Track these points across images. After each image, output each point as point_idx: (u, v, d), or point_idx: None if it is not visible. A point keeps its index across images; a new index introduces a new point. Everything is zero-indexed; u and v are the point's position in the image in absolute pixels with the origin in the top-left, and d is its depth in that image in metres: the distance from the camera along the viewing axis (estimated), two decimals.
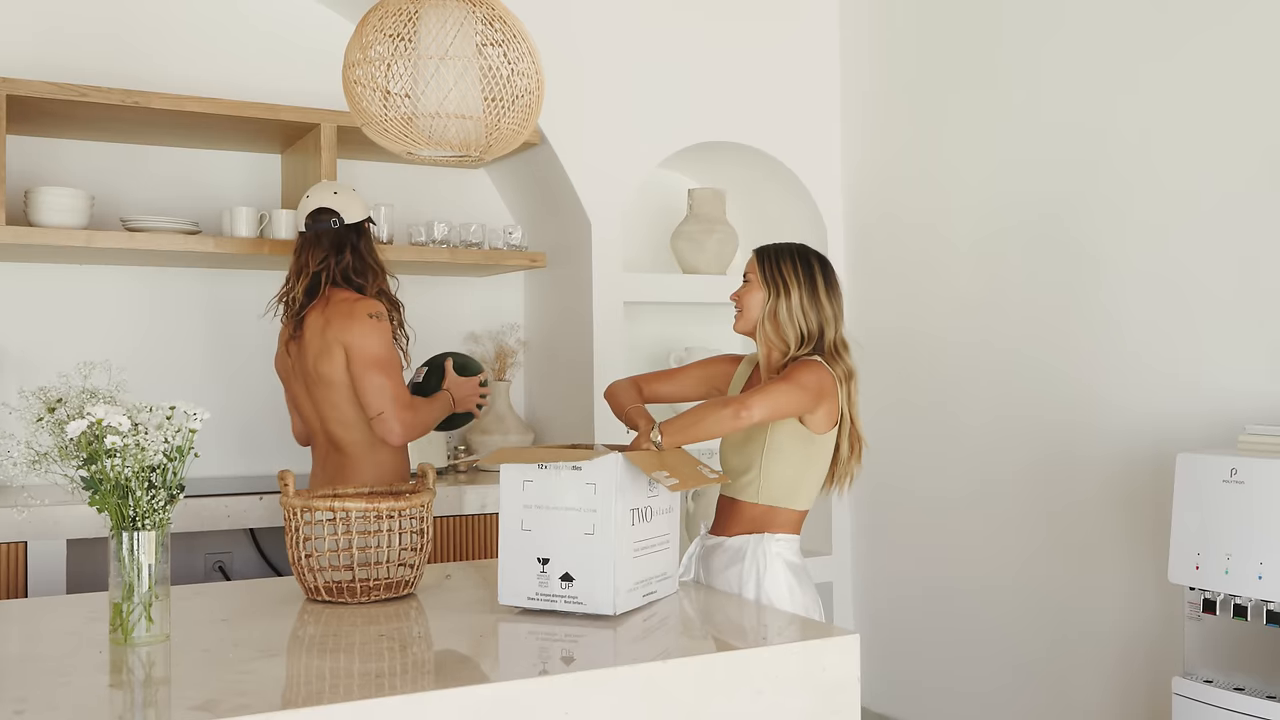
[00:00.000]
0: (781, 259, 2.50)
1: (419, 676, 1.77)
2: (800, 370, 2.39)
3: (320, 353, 2.87)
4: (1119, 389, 3.28)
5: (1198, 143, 3.09)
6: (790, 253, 2.52)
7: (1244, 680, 2.53)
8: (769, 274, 2.49)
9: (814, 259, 2.52)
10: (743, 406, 2.29)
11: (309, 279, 2.91)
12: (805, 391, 2.36)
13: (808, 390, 2.36)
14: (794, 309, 2.46)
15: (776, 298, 2.47)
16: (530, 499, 2.09)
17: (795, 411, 2.37)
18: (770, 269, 2.49)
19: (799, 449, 2.42)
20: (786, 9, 4.22)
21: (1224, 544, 2.54)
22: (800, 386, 2.36)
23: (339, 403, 2.90)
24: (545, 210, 4.05)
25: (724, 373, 2.67)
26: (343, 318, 2.84)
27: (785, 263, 2.50)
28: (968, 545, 3.77)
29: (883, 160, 4.15)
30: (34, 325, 3.54)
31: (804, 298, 2.46)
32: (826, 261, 2.54)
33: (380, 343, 2.84)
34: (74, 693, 1.64)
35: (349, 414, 2.91)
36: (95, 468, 1.82)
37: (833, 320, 2.49)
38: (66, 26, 3.59)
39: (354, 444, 2.93)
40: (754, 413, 2.30)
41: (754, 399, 2.31)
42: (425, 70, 2.26)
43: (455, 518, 3.44)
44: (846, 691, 1.89)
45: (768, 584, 2.38)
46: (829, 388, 2.40)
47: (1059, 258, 3.46)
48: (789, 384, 2.35)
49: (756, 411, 2.30)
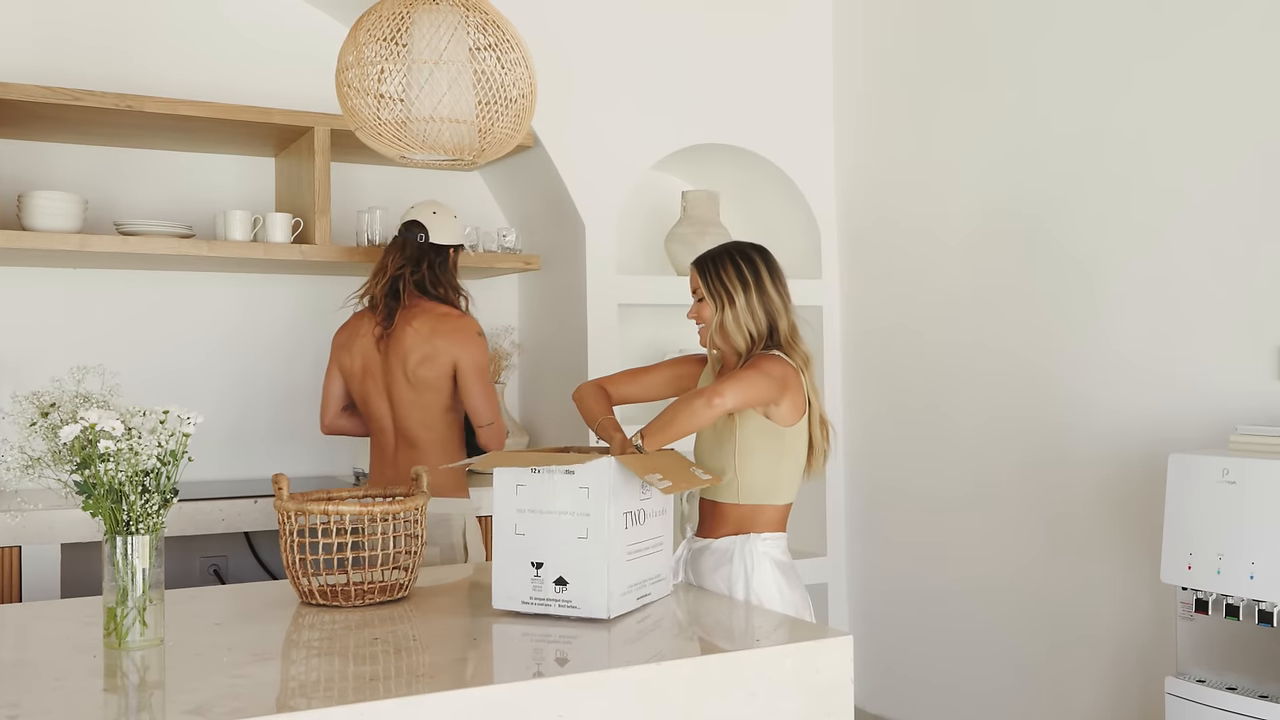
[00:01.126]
0: (721, 267, 2.51)
1: (413, 679, 1.78)
2: (765, 361, 2.41)
3: (426, 358, 3.03)
4: (1112, 390, 3.29)
5: (1190, 144, 3.10)
6: (728, 256, 2.52)
7: (1236, 680, 2.54)
8: (711, 286, 2.50)
9: (753, 254, 2.52)
10: (715, 394, 2.30)
11: (387, 281, 3.10)
12: (771, 380, 2.38)
13: (773, 379, 2.38)
14: (740, 315, 2.47)
15: (721, 309, 2.48)
16: (524, 503, 2.10)
17: (764, 400, 2.38)
18: (712, 280, 2.50)
19: (770, 445, 2.43)
20: (780, 12, 4.22)
21: (1216, 544, 2.55)
22: (766, 375, 2.38)
23: (430, 405, 3.07)
24: (539, 213, 4.05)
25: (692, 373, 2.67)
26: (454, 332, 3.05)
27: (725, 270, 2.50)
28: (961, 547, 3.78)
29: (876, 162, 4.16)
30: (27, 330, 3.54)
31: (749, 300, 2.47)
32: (765, 252, 2.54)
33: (485, 359, 3.10)
34: (68, 697, 1.64)
35: (435, 415, 3.09)
36: (89, 472, 1.82)
37: (782, 310, 2.50)
38: (60, 31, 3.59)
39: (429, 441, 3.10)
40: (726, 399, 2.30)
41: (724, 385, 2.32)
42: (419, 74, 2.26)
43: None
44: (840, 693, 1.90)
45: (756, 584, 2.39)
46: (792, 379, 2.42)
47: (1052, 259, 3.47)
48: (756, 372, 2.38)
49: (730, 398, 2.31)
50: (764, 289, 2.48)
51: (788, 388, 2.40)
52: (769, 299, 2.48)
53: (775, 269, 2.53)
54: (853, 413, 4.22)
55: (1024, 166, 3.58)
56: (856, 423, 4.19)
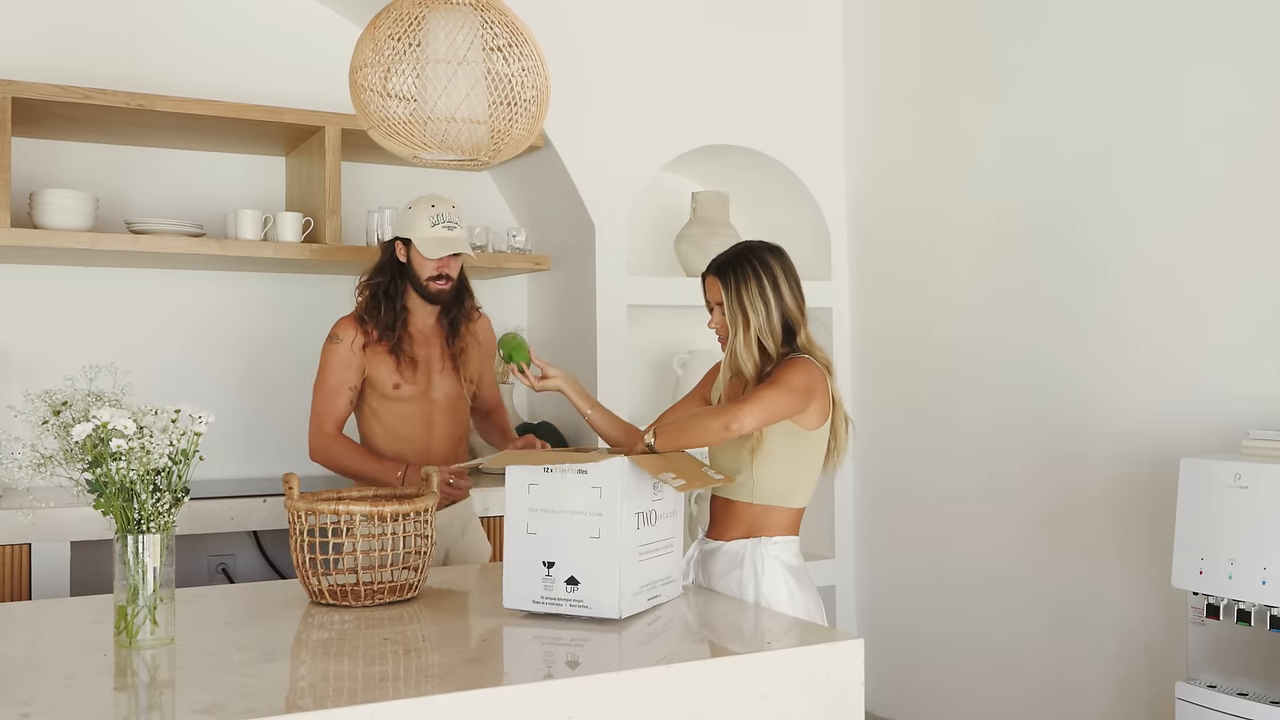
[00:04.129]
0: (744, 284, 2.43)
1: (423, 680, 1.77)
2: (788, 372, 2.35)
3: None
4: (1122, 391, 3.27)
5: (1207, 144, 3.09)
6: (750, 270, 2.44)
7: (1247, 685, 2.53)
8: (730, 305, 2.43)
9: (771, 260, 2.46)
10: (733, 419, 2.25)
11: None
12: (795, 394, 2.33)
13: (797, 392, 2.33)
14: (758, 333, 2.41)
15: (736, 332, 2.43)
16: (535, 502, 2.09)
17: (787, 415, 2.34)
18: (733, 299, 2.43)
19: (790, 447, 2.40)
20: (790, 12, 4.22)
21: (1228, 549, 2.54)
22: (789, 389, 2.33)
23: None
24: (549, 213, 4.05)
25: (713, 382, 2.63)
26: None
27: (747, 287, 2.43)
28: (970, 550, 3.77)
29: (886, 162, 4.15)
30: (39, 328, 3.55)
31: (767, 318, 2.42)
32: (782, 255, 2.49)
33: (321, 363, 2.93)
34: (78, 695, 1.64)
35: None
36: (100, 471, 1.82)
37: (800, 320, 2.45)
38: (72, 30, 3.60)
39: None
40: (744, 423, 2.26)
41: (744, 409, 2.27)
42: (433, 74, 2.26)
43: None
44: (851, 696, 1.89)
45: (766, 588, 2.36)
46: (819, 383, 2.37)
47: (1063, 258, 3.46)
48: (778, 389, 2.32)
49: (747, 422, 2.26)
50: (783, 300, 2.43)
51: (813, 394, 2.36)
52: (787, 309, 2.44)
53: (791, 273, 2.48)
54: (862, 414, 4.21)
55: (1035, 166, 3.57)
56: (866, 423, 4.19)
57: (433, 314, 2.98)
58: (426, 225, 2.88)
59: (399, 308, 2.93)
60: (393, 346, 2.91)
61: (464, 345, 3.02)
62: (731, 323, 2.44)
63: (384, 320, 2.91)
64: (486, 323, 3.14)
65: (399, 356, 2.91)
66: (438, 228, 2.88)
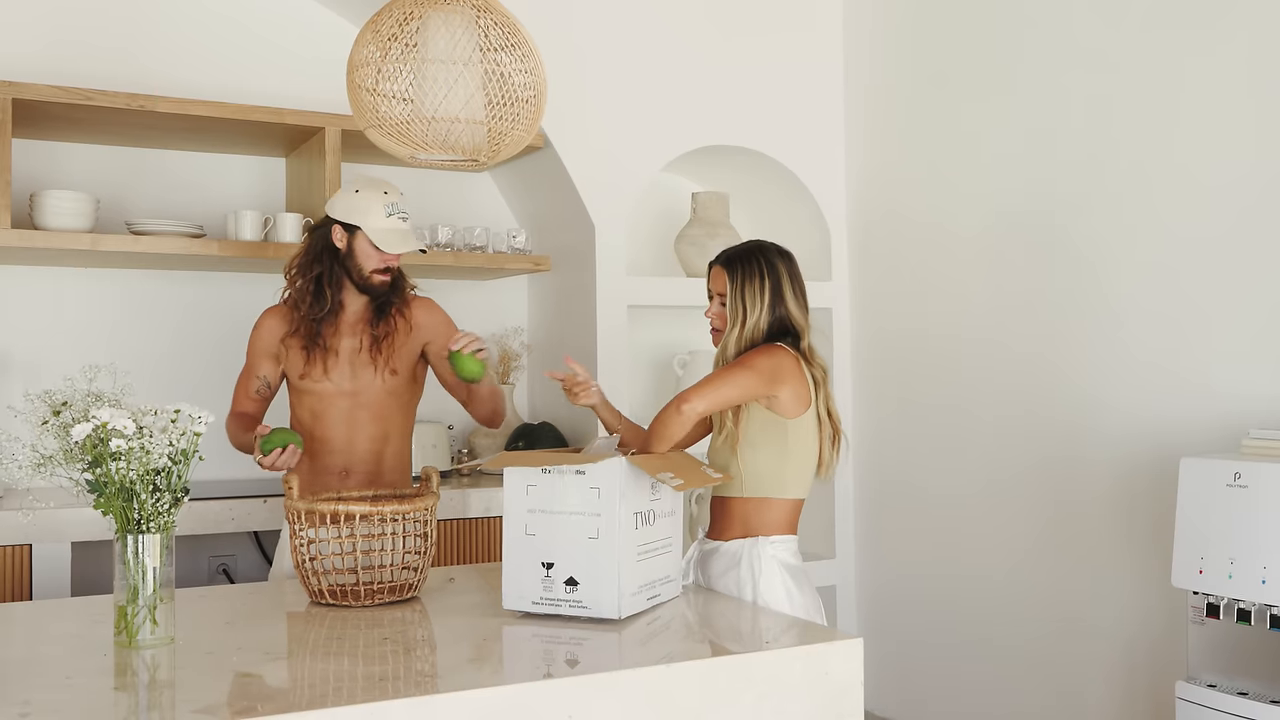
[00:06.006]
0: (749, 280, 2.44)
1: (423, 680, 1.78)
2: (754, 354, 2.36)
3: None
4: (1122, 391, 3.27)
5: (1206, 143, 3.09)
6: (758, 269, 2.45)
7: (1248, 685, 2.53)
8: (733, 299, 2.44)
9: (779, 263, 2.47)
10: (682, 400, 2.27)
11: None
12: (756, 374, 2.32)
13: (759, 372, 2.33)
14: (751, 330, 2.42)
15: (734, 326, 2.44)
16: (534, 503, 2.09)
17: (747, 396, 2.33)
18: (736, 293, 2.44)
19: (773, 437, 2.39)
20: (790, 13, 4.22)
21: (1227, 548, 2.54)
22: (750, 369, 2.33)
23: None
24: (549, 214, 4.05)
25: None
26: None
27: (752, 284, 2.44)
28: (970, 550, 3.77)
29: (885, 162, 4.15)
30: (39, 329, 3.55)
31: (761, 318, 2.43)
32: (790, 259, 2.50)
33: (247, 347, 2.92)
34: (79, 695, 1.64)
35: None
36: (100, 471, 1.83)
37: (804, 325, 2.45)
38: (72, 31, 3.60)
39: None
40: (695, 404, 2.26)
41: (692, 390, 2.28)
42: (431, 74, 2.26)
43: (459, 521, 3.45)
44: (850, 696, 1.90)
45: (764, 588, 2.36)
46: (789, 368, 2.36)
47: (1063, 258, 3.46)
48: (736, 368, 2.33)
49: (698, 403, 2.26)
50: (784, 304, 2.44)
51: (781, 377, 2.35)
52: (788, 313, 2.45)
53: (798, 279, 2.49)
54: (862, 414, 4.21)
55: (1033, 166, 3.57)
56: (866, 424, 4.19)
57: (363, 303, 2.80)
58: (381, 215, 2.70)
59: (335, 300, 2.76)
60: (309, 338, 2.77)
61: (390, 332, 2.80)
62: (731, 316, 2.45)
63: (315, 312, 2.75)
64: (426, 303, 2.91)
65: (312, 349, 2.77)
66: (393, 218, 2.71)
